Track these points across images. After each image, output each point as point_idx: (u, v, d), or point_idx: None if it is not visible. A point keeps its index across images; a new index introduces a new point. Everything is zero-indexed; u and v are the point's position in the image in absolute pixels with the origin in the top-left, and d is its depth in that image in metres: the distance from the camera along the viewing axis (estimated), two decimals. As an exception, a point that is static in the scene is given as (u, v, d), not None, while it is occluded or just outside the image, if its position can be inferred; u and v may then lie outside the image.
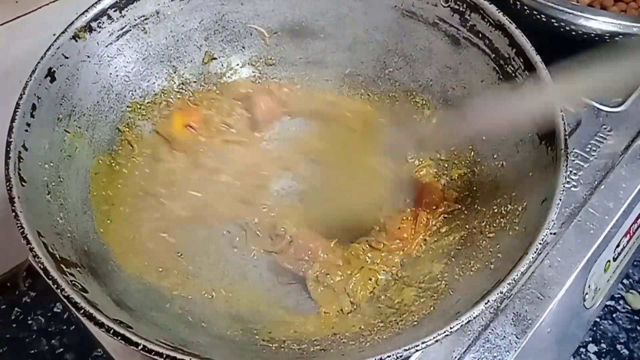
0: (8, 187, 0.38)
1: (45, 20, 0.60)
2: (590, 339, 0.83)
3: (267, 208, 0.52)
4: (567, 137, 0.41)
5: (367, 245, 0.49)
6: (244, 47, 0.57)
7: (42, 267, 0.35)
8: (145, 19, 0.51)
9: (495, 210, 0.45)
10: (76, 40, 0.47)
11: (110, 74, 0.50)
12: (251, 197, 0.52)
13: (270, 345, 0.42)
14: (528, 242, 0.37)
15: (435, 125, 0.54)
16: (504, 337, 0.46)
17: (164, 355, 0.32)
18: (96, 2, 0.48)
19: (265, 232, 0.50)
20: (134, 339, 0.32)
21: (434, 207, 0.50)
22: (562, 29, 0.56)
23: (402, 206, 0.51)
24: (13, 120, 0.41)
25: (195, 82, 0.55)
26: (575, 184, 0.56)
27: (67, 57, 0.46)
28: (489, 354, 0.46)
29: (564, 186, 0.39)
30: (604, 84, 0.39)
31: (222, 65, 0.56)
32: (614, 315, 0.86)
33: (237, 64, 0.57)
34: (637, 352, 0.82)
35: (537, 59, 0.45)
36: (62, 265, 0.37)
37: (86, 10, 0.47)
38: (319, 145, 0.55)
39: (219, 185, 0.53)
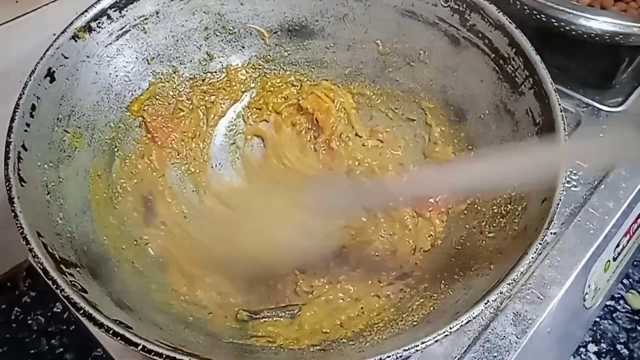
0: (7, 187, 0.38)
1: (45, 20, 0.60)
2: (590, 339, 0.83)
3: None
4: (567, 137, 0.41)
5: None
6: (243, 47, 0.57)
7: (41, 267, 0.35)
8: (145, 19, 0.51)
9: (495, 210, 0.45)
10: (76, 41, 0.47)
11: (110, 74, 0.50)
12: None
13: (270, 345, 0.42)
14: (528, 242, 0.37)
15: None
16: (504, 337, 0.46)
17: (164, 356, 0.32)
18: (96, 2, 0.48)
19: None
20: (134, 339, 0.32)
21: None
22: (562, 29, 0.56)
23: None
24: (12, 120, 0.41)
25: (195, 82, 0.56)
26: (575, 184, 0.56)
27: (66, 57, 0.46)
28: (489, 354, 0.46)
29: (564, 186, 0.39)
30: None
31: (222, 65, 0.56)
32: (614, 315, 0.86)
33: (237, 64, 0.57)
34: (637, 352, 0.82)
35: (537, 59, 0.45)
36: (61, 266, 0.36)
37: (86, 10, 0.47)
38: None
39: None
